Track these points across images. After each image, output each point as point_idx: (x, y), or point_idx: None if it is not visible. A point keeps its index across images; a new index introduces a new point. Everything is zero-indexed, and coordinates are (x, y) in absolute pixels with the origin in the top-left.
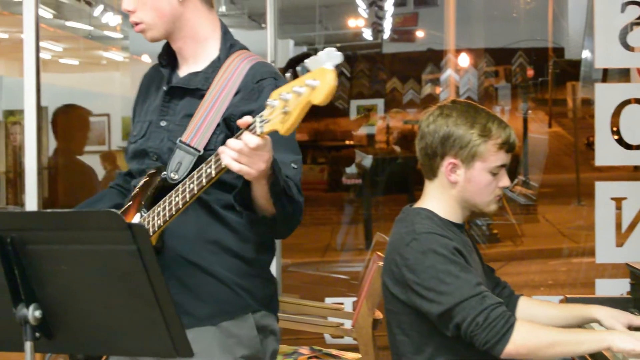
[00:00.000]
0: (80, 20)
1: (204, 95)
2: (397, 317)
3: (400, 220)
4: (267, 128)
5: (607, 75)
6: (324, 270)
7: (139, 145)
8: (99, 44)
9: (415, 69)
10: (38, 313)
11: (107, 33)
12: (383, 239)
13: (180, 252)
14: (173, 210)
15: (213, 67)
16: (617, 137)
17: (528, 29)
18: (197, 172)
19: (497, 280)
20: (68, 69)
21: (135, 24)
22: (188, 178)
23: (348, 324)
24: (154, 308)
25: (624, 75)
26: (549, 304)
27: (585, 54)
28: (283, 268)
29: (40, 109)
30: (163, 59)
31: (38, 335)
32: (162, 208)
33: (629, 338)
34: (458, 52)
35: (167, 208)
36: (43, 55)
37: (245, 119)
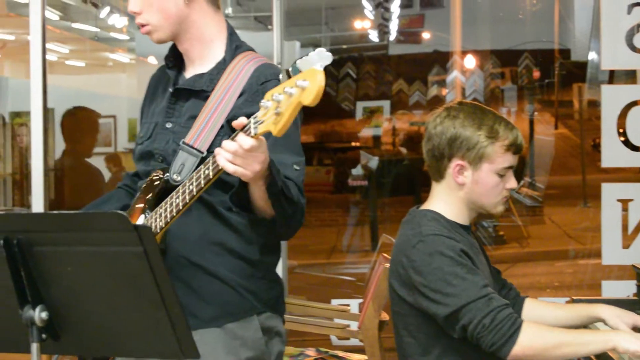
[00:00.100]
0: (87, 22)
1: (209, 97)
2: (403, 318)
3: (407, 222)
4: (260, 129)
5: (613, 77)
6: (330, 272)
7: (145, 147)
8: (105, 46)
9: (422, 71)
10: (44, 314)
11: (113, 35)
12: (389, 241)
13: (184, 253)
14: (174, 212)
15: (218, 68)
16: (623, 138)
17: (534, 31)
18: (195, 173)
19: (503, 282)
20: (74, 71)
21: (142, 26)
22: (188, 180)
23: (354, 326)
24: (160, 309)
25: (631, 77)
26: (555, 305)
27: (592, 56)
28: (289, 269)
29: (47, 111)
30: (169, 61)
31: (44, 337)
32: (163, 210)
33: (634, 339)
34: (464, 53)
35: (168, 210)
36: (49, 57)
37: (240, 121)
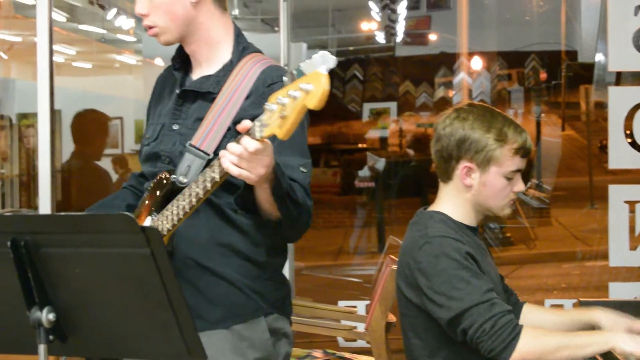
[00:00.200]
0: (94, 24)
1: (215, 99)
2: (411, 320)
3: (414, 224)
4: (266, 132)
5: (620, 78)
6: (337, 274)
7: (152, 148)
8: (112, 47)
9: (428, 72)
10: (52, 316)
11: (120, 36)
12: (396, 242)
13: (192, 255)
14: (180, 214)
15: (225, 70)
16: (630, 140)
17: (541, 32)
18: (201, 176)
19: (505, 287)
20: (81, 72)
21: (149, 28)
22: (194, 182)
23: (361, 327)
24: (167, 311)
25: (638, 78)
26: (552, 310)
27: (599, 57)
28: (296, 271)
29: (54, 112)
30: (176, 62)
31: (52, 338)
32: (170, 212)
33: (631, 340)
34: (471, 55)
35: (174, 212)
36: (56, 59)
37: (245, 124)
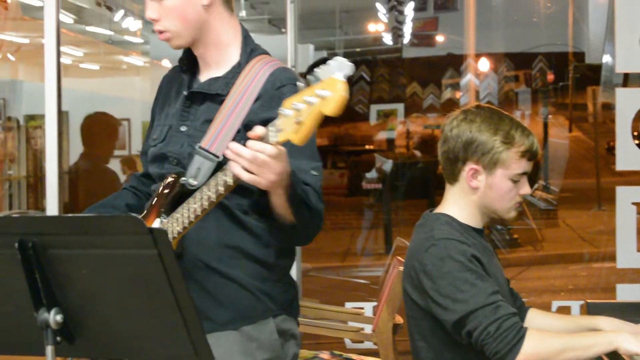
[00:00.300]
0: (101, 25)
1: (224, 101)
2: (417, 322)
3: (420, 226)
4: (281, 137)
5: (628, 80)
6: (344, 275)
7: (159, 150)
8: (120, 49)
9: (436, 74)
10: (59, 317)
11: (127, 38)
12: (403, 244)
13: (201, 257)
14: (192, 217)
15: (233, 72)
16: (637, 141)
17: (548, 34)
18: (213, 179)
19: (510, 290)
20: (89, 74)
21: (160, 32)
22: (205, 185)
23: (368, 329)
24: (175, 312)
25: None
26: (557, 316)
27: (606, 59)
28: (303, 272)
29: (61, 114)
30: (183, 64)
31: (59, 340)
32: (180, 215)
33: (635, 340)
34: (478, 56)
35: (185, 215)
36: (64, 60)
37: (257, 130)
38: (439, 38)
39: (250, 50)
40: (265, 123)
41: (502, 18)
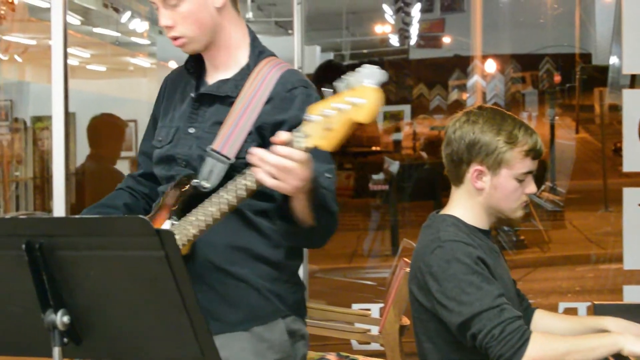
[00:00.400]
0: (108, 27)
1: (234, 103)
2: (423, 324)
3: (427, 227)
4: (309, 143)
5: (635, 81)
6: (351, 276)
7: (166, 151)
8: (126, 50)
9: (442, 75)
10: (66, 319)
11: (134, 39)
12: (410, 245)
13: (212, 258)
14: (209, 221)
15: (242, 74)
16: None
17: (555, 35)
18: (231, 183)
19: (517, 292)
20: (95, 75)
21: (175, 39)
22: (222, 189)
23: (375, 330)
24: (182, 314)
25: None
26: (563, 317)
27: (613, 60)
28: (310, 274)
29: (68, 115)
30: (191, 65)
31: (66, 341)
32: (195, 217)
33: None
34: (485, 58)
35: (201, 218)
36: (71, 62)
37: (282, 136)
38: (446, 39)
39: (259, 52)
40: (278, 125)
41: (508, 19)
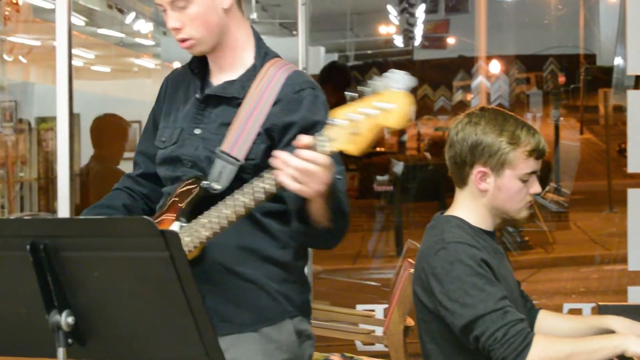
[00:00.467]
0: (112, 28)
1: (241, 104)
2: (427, 325)
3: (431, 228)
4: (334, 147)
5: (639, 82)
6: (355, 277)
7: (171, 152)
8: (131, 51)
9: (447, 76)
10: (71, 319)
11: (138, 40)
12: (414, 246)
13: (221, 260)
14: (224, 223)
15: (248, 75)
16: None
17: (559, 36)
18: (248, 186)
19: (521, 293)
20: (100, 76)
21: (183, 41)
22: (238, 191)
23: (379, 331)
24: (187, 315)
25: None
26: (567, 317)
27: (618, 61)
28: (314, 275)
29: (73, 116)
30: (195, 66)
31: (70, 342)
32: (208, 220)
33: None
34: (489, 58)
35: (214, 220)
36: (75, 63)
37: (304, 140)
38: (450, 40)
39: (264, 54)
40: (287, 127)
41: (513, 20)
